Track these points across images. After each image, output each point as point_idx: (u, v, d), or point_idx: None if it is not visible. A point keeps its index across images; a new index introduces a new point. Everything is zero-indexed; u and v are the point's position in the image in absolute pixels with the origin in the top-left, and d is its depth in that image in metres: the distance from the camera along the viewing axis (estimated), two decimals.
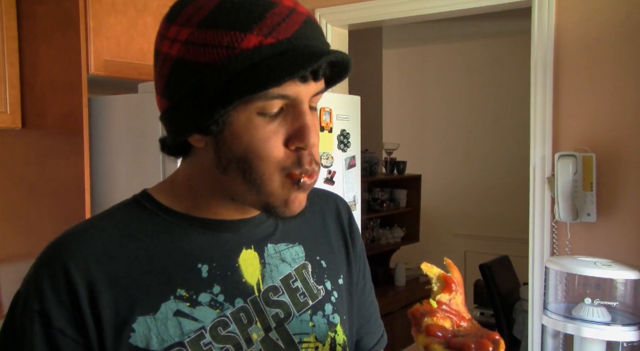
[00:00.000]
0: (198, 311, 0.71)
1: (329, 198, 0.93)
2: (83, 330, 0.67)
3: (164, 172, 1.89)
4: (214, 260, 0.74)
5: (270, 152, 0.68)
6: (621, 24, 2.23)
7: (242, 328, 0.73)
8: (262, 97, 0.66)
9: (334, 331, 0.80)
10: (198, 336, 0.70)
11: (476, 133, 5.16)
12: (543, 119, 2.35)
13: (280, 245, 0.80)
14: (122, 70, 2.04)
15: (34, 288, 0.69)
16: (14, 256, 2.18)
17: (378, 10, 2.74)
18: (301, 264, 0.81)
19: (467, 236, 5.22)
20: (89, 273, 0.68)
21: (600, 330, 1.92)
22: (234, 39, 0.64)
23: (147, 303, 0.69)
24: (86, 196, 1.95)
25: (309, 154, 0.70)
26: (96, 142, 2.03)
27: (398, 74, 5.48)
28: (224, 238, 0.76)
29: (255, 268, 0.77)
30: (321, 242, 0.86)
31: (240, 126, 0.68)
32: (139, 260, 0.71)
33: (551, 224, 2.36)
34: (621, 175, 2.25)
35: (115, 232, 0.72)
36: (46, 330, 0.67)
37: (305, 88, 0.68)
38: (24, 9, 2.06)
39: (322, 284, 0.82)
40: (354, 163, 2.54)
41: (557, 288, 2.12)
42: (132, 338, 0.68)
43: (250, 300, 0.75)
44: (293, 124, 0.69)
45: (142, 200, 0.77)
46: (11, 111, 2.05)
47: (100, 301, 0.68)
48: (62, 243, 0.71)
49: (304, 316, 0.78)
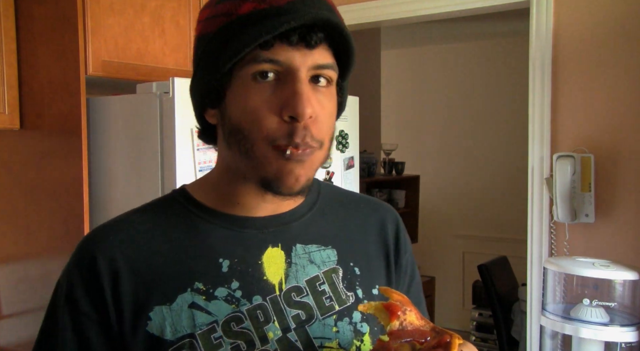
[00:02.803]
0: (213, 305, 0.72)
1: (378, 207, 0.90)
2: (105, 314, 0.71)
3: (163, 173, 1.89)
4: (236, 256, 0.75)
5: (260, 120, 0.68)
6: (619, 25, 2.23)
7: (258, 326, 0.72)
8: (253, 61, 0.68)
9: (360, 340, 0.77)
10: (210, 329, 0.71)
11: (475, 134, 5.17)
12: (541, 120, 2.35)
13: (311, 246, 0.79)
14: (120, 71, 2.03)
15: (67, 275, 0.75)
16: (13, 256, 2.18)
17: (376, 11, 2.74)
18: (332, 268, 0.79)
19: (466, 236, 5.22)
20: (114, 262, 0.72)
21: (599, 330, 1.92)
22: (232, 7, 0.69)
23: (165, 294, 0.72)
24: (84, 196, 1.95)
25: (304, 129, 0.68)
26: (94, 142, 2.03)
27: (396, 74, 5.48)
28: (248, 235, 0.76)
29: (279, 267, 0.76)
30: (357, 248, 0.83)
31: (237, 92, 0.70)
32: (162, 252, 0.74)
33: (549, 224, 2.36)
34: (619, 176, 2.25)
35: (144, 225, 0.76)
36: (74, 314, 0.73)
37: (300, 55, 0.68)
38: (22, 9, 2.06)
39: (353, 291, 0.79)
40: (353, 164, 2.54)
41: (555, 288, 2.12)
42: (148, 325, 0.71)
43: (270, 299, 0.74)
44: (286, 91, 0.68)
45: (176, 195, 0.81)
46: (9, 111, 2.05)
47: (121, 289, 0.71)
48: (94, 234, 0.77)
49: (328, 321, 0.76)
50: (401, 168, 4.56)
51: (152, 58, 2.12)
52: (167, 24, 2.17)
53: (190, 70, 0.76)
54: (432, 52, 5.39)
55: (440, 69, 5.35)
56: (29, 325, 2.13)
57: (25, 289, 2.13)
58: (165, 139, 1.88)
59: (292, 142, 0.68)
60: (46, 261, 2.07)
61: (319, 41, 0.69)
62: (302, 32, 0.67)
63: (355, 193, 0.95)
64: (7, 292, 2.19)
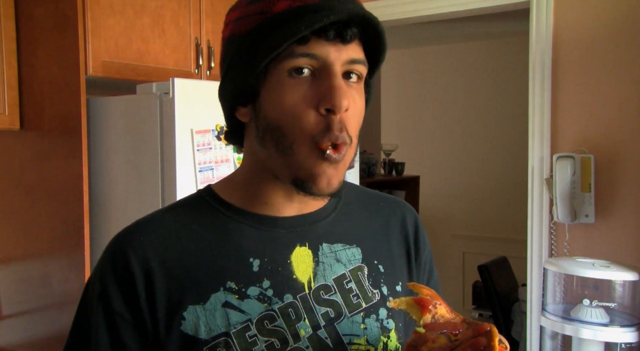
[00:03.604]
0: (246, 304, 0.72)
1: (397, 205, 0.92)
2: (139, 314, 0.72)
3: (162, 173, 1.89)
4: (265, 255, 0.75)
5: (299, 115, 0.69)
6: (619, 26, 2.23)
7: (290, 324, 0.73)
8: (289, 56, 0.68)
9: (387, 336, 0.79)
10: (244, 327, 0.72)
11: (475, 134, 5.16)
12: (541, 120, 2.35)
13: (337, 245, 0.80)
14: (120, 71, 2.03)
15: (99, 274, 0.75)
16: (12, 257, 2.18)
17: (376, 11, 2.74)
18: (357, 266, 0.80)
19: (466, 237, 5.22)
20: (147, 262, 0.73)
21: (599, 331, 1.92)
22: (267, 6, 0.70)
23: (198, 293, 0.72)
24: (84, 197, 1.95)
25: (340, 121, 0.69)
26: (94, 143, 2.03)
27: (396, 75, 5.47)
28: (277, 234, 0.77)
29: (308, 266, 0.77)
30: (381, 247, 0.84)
31: (272, 89, 0.70)
32: (193, 252, 0.74)
33: (549, 225, 2.36)
34: (619, 176, 2.25)
35: (174, 224, 0.77)
36: (106, 313, 0.73)
37: (335, 50, 0.69)
38: (22, 10, 2.06)
39: (378, 288, 0.81)
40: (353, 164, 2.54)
41: (555, 289, 2.12)
42: (182, 325, 0.71)
43: (300, 297, 0.75)
44: (322, 86, 0.69)
45: (204, 194, 0.81)
46: (9, 112, 2.05)
47: (155, 289, 0.72)
48: (126, 233, 0.77)
49: (356, 318, 0.77)
50: (401, 168, 4.56)
51: (152, 58, 2.12)
52: (167, 25, 2.17)
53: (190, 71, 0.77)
54: (432, 52, 5.39)
55: (440, 69, 5.35)
56: (29, 325, 2.13)
57: (25, 290, 2.13)
58: (165, 139, 1.88)
59: (333, 136, 0.69)
60: (46, 261, 2.07)
61: (354, 36, 0.70)
62: (338, 28, 0.68)
63: (374, 191, 0.96)
64: (7, 292, 2.19)
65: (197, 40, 2.26)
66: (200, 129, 1.90)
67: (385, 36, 0.73)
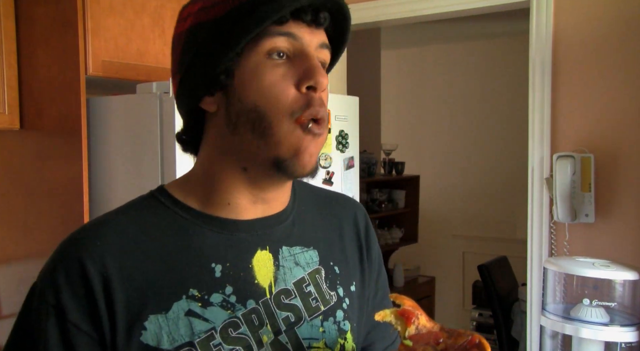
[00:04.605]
0: (209, 312, 0.70)
1: (347, 203, 0.92)
2: (97, 324, 0.68)
3: (162, 173, 1.89)
4: (227, 260, 0.73)
5: (279, 95, 0.69)
6: (619, 25, 2.23)
7: (253, 330, 0.72)
8: (267, 35, 0.68)
9: (344, 338, 0.79)
10: (208, 336, 0.70)
11: (474, 134, 5.16)
12: (541, 120, 2.35)
13: (296, 248, 0.79)
14: (120, 71, 2.03)
15: (50, 281, 0.70)
16: (12, 257, 2.18)
17: (376, 11, 2.74)
18: (315, 268, 0.80)
19: (466, 236, 5.22)
20: (104, 269, 0.68)
21: (599, 330, 1.92)
22: None
23: (159, 302, 0.69)
24: (84, 197, 1.95)
25: (319, 98, 0.70)
26: (94, 143, 2.03)
27: (396, 74, 5.48)
28: (238, 238, 0.75)
29: (269, 270, 0.76)
30: (335, 248, 0.84)
31: (249, 71, 0.70)
32: (153, 258, 0.71)
33: (549, 225, 2.36)
34: (619, 176, 2.25)
35: (131, 228, 0.73)
36: (61, 324, 0.68)
37: (309, 33, 0.70)
38: (22, 10, 2.06)
39: (335, 290, 0.81)
40: (353, 164, 2.54)
41: (555, 288, 2.12)
42: (143, 336, 0.68)
43: (262, 302, 0.74)
44: (301, 65, 0.70)
45: (158, 195, 0.77)
46: (9, 111, 2.05)
47: (114, 297, 0.68)
48: (79, 237, 0.72)
49: (315, 322, 0.77)
50: (401, 168, 4.56)
51: (152, 58, 2.12)
52: (167, 24, 2.17)
53: None
54: (432, 52, 5.39)
55: (440, 69, 5.35)
56: None
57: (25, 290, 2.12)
58: (165, 139, 1.88)
59: (314, 111, 0.69)
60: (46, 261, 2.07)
61: (326, 21, 0.72)
62: (313, 11, 0.70)
63: (324, 189, 0.96)
64: (7, 292, 2.19)
65: None
66: None
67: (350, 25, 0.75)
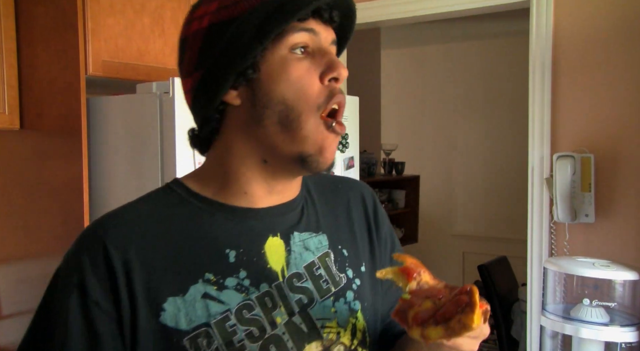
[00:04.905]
0: (224, 295, 0.75)
1: (355, 186, 0.96)
2: (117, 304, 0.72)
3: (162, 173, 1.89)
4: (241, 246, 0.77)
5: (307, 88, 0.74)
6: (619, 25, 2.23)
7: (267, 312, 0.76)
8: (291, 31, 0.73)
9: (355, 317, 0.83)
10: (224, 318, 0.74)
11: (474, 134, 5.17)
12: (541, 120, 2.35)
13: (305, 234, 0.83)
14: (120, 71, 2.03)
15: (74, 262, 0.74)
16: (12, 256, 2.18)
17: (376, 11, 2.74)
18: (324, 252, 0.84)
19: (466, 236, 5.22)
20: (126, 253, 0.73)
21: (599, 330, 1.92)
22: None
23: (177, 285, 0.73)
24: (84, 196, 1.95)
25: (340, 88, 0.76)
26: (94, 143, 2.03)
27: (396, 74, 5.48)
28: (250, 225, 0.79)
29: (281, 256, 0.80)
30: (344, 231, 0.89)
31: (275, 65, 0.74)
32: (171, 244, 0.75)
33: (550, 225, 2.36)
34: (619, 176, 2.25)
35: (150, 216, 0.78)
36: (82, 302, 0.72)
37: (325, 30, 0.76)
38: (22, 9, 2.06)
39: (344, 272, 0.85)
40: (353, 164, 2.54)
41: (555, 288, 2.12)
42: (162, 316, 0.72)
43: (275, 285, 0.78)
44: (322, 60, 0.75)
45: (174, 187, 0.82)
46: (9, 111, 2.05)
47: (134, 280, 0.72)
48: (102, 222, 0.77)
49: (327, 303, 0.81)
50: (401, 168, 4.56)
51: (152, 58, 2.12)
52: (167, 24, 2.17)
53: None
54: (432, 52, 5.39)
55: (440, 69, 5.35)
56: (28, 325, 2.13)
57: (25, 289, 2.13)
58: (165, 139, 1.88)
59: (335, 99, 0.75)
60: (46, 261, 2.07)
61: (338, 19, 0.78)
62: (328, 10, 0.75)
63: (330, 175, 1.00)
64: (7, 292, 2.19)
65: None
66: None
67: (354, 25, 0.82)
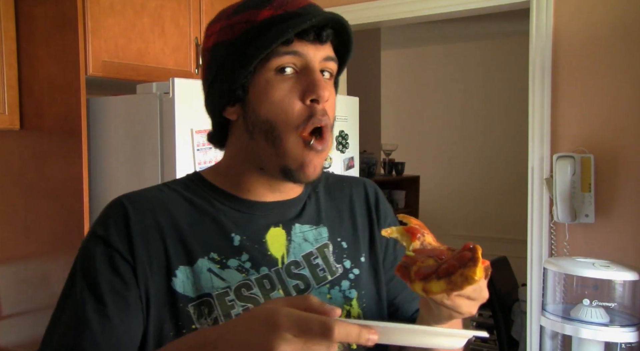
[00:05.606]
0: (226, 273, 0.82)
1: (358, 182, 1.03)
2: (135, 259, 0.79)
3: (162, 173, 1.89)
4: (245, 233, 0.85)
5: (287, 108, 0.79)
6: (619, 25, 2.23)
7: (265, 293, 0.83)
8: (275, 55, 0.78)
9: (350, 304, 0.89)
10: (224, 292, 0.81)
11: (474, 134, 5.17)
12: (541, 120, 2.35)
13: (306, 226, 0.90)
14: (120, 71, 2.04)
15: (100, 224, 0.83)
16: (12, 256, 2.18)
17: (376, 11, 2.74)
18: (323, 243, 0.90)
19: (466, 237, 5.21)
20: (144, 220, 0.82)
21: (599, 330, 1.92)
22: (252, 15, 0.80)
23: (188, 256, 0.81)
24: (84, 196, 1.95)
25: (322, 109, 0.80)
26: (94, 143, 2.03)
27: (396, 75, 5.48)
28: (255, 217, 0.87)
29: (281, 244, 0.87)
30: (345, 225, 0.95)
31: (261, 87, 0.80)
32: (184, 221, 0.84)
33: (549, 225, 2.37)
34: (619, 176, 2.25)
35: (171, 196, 0.86)
36: (107, 250, 0.80)
37: (314, 49, 0.80)
38: (22, 10, 2.06)
39: (341, 263, 0.91)
40: (353, 164, 2.54)
41: (555, 289, 2.12)
42: (173, 282, 0.80)
43: (274, 270, 0.85)
44: (305, 80, 0.80)
45: (192, 177, 0.91)
46: (9, 111, 2.05)
47: (152, 245, 0.80)
48: (127, 195, 0.86)
49: (322, 289, 0.87)
50: (401, 168, 4.56)
51: (152, 58, 2.12)
52: (167, 24, 2.17)
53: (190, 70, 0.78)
54: (432, 52, 5.39)
55: (440, 69, 5.35)
56: (29, 325, 2.13)
57: (25, 289, 2.13)
58: (165, 139, 1.88)
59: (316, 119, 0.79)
60: (46, 261, 2.07)
61: (329, 37, 0.81)
62: (316, 30, 0.79)
63: (335, 174, 1.07)
64: (7, 292, 2.19)
65: (197, 40, 2.25)
66: (200, 129, 1.90)
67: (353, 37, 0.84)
